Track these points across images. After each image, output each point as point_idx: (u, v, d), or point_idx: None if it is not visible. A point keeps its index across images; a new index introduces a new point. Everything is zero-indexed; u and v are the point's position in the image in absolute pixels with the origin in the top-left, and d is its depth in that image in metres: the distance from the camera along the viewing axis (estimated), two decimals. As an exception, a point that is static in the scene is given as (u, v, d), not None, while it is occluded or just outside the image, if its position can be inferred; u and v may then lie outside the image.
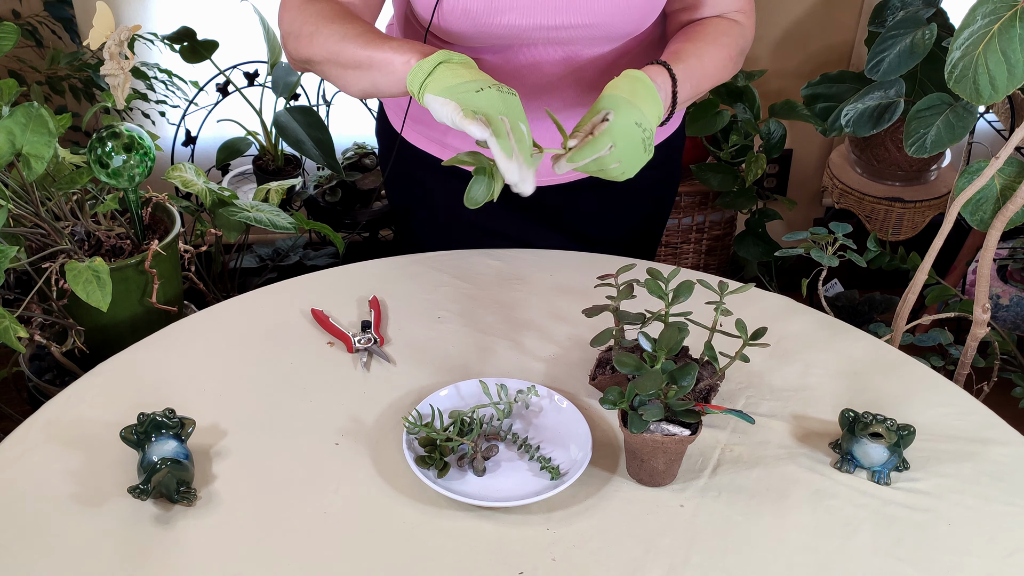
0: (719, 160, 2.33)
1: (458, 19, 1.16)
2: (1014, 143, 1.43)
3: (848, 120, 1.87)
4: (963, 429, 1.10)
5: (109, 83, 1.58)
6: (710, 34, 1.22)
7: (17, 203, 1.40)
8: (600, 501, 1.00)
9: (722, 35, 1.23)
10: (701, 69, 1.17)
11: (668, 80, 1.12)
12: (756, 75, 2.27)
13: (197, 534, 0.96)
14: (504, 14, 1.16)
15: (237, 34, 2.22)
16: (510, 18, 1.17)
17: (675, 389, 0.96)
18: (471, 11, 1.16)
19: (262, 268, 2.28)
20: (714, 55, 1.20)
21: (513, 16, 1.17)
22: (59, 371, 1.68)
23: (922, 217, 2.34)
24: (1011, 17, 1.28)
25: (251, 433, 1.08)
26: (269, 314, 1.26)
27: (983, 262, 1.57)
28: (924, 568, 0.94)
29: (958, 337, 1.85)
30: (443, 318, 1.26)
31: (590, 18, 1.18)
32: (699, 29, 1.23)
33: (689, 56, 1.16)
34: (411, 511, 0.99)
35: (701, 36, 1.21)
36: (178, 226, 1.58)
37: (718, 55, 1.21)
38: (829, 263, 1.57)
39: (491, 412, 1.09)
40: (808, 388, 1.16)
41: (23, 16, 2.23)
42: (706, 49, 1.20)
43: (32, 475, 1.01)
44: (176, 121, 2.23)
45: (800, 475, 1.04)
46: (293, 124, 2.07)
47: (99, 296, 1.34)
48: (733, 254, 2.61)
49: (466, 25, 1.17)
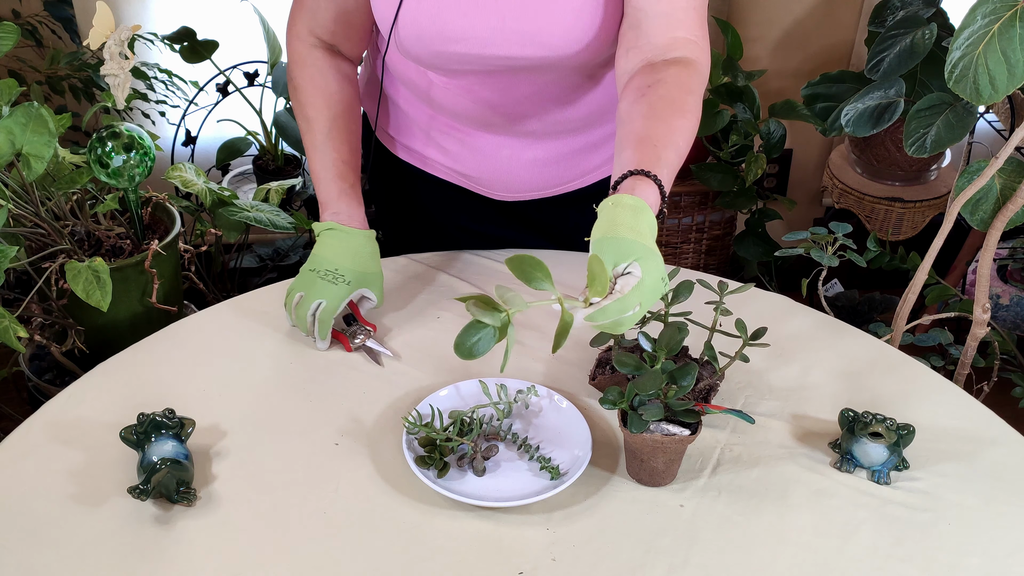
0: (719, 160, 2.33)
1: (413, 43, 1.17)
2: (1014, 143, 1.43)
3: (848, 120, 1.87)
4: (963, 429, 1.10)
5: (109, 83, 1.58)
6: (676, 102, 1.08)
7: (17, 203, 1.40)
8: (600, 501, 1.00)
9: (687, 94, 1.10)
10: (676, 157, 1.07)
11: (658, 195, 1.02)
12: (756, 75, 2.27)
13: (197, 534, 0.96)
14: (456, 43, 1.15)
15: (237, 34, 2.22)
16: (463, 47, 1.16)
17: (675, 389, 0.96)
18: (424, 38, 1.16)
19: (262, 268, 2.28)
20: (684, 130, 1.09)
21: (466, 45, 1.16)
22: (59, 371, 1.68)
23: (922, 217, 2.34)
24: (1011, 17, 1.28)
25: (251, 433, 1.08)
26: (269, 314, 1.26)
27: (983, 262, 1.57)
28: (924, 568, 0.94)
29: (958, 337, 1.85)
30: (443, 318, 1.26)
31: (544, 51, 1.15)
32: (663, 95, 1.09)
33: (665, 148, 1.05)
34: (411, 511, 0.99)
35: (668, 111, 1.08)
36: (178, 226, 1.58)
37: (687, 127, 1.10)
38: (829, 263, 1.57)
39: (491, 412, 1.09)
40: (808, 388, 1.16)
41: (23, 16, 2.23)
42: (677, 129, 1.08)
43: (32, 475, 1.01)
44: (176, 121, 2.23)
45: (800, 475, 1.04)
46: (293, 124, 2.07)
47: (99, 296, 1.34)
48: (733, 254, 2.61)
49: (419, 49, 1.17)
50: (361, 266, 1.20)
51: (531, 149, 1.33)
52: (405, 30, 1.15)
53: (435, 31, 1.14)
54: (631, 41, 1.14)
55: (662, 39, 1.12)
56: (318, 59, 1.27)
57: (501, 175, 1.35)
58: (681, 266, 1.28)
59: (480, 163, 1.35)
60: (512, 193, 1.39)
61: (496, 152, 1.34)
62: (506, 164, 1.35)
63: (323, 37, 1.26)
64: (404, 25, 1.15)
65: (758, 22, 2.42)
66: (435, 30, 1.14)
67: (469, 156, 1.35)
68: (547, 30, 1.14)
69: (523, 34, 1.14)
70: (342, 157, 1.26)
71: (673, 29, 1.12)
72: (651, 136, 1.05)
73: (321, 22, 1.25)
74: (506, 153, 1.34)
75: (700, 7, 1.14)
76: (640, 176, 1.00)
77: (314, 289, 1.18)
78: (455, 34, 1.15)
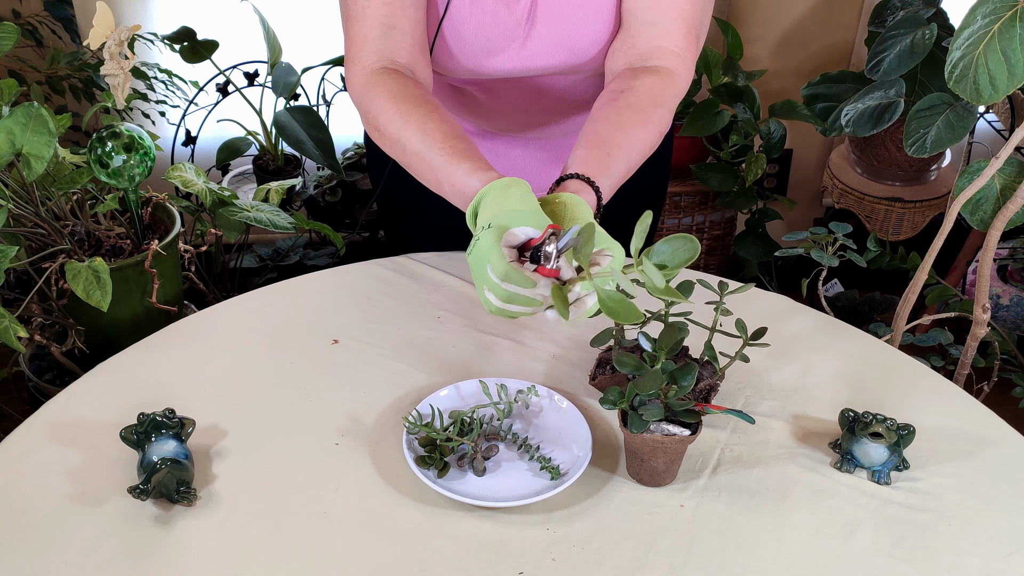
0: (719, 160, 2.33)
1: (449, 58, 1.17)
2: (1014, 143, 1.43)
3: (848, 120, 1.87)
4: (963, 429, 1.10)
5: (109, 83, 1.58)
6: (642, 113, 1.09)
7: (17, 203, 1.40)
8: (600, 501, 1.00)
9: (655, 107, 1.10)
10: (626, 168, 1.08)
11: (595, 201, 1.04)
12: (756, 75, 2.27)
13: (197, 534, 0.96)
14: (493, 56, 1.17)
15: (237, 34, 2.23)
16: (500, 60, 1.18)
17: (675, 389, 0.96)
18: (463, 52, 1.17)
19: (262, 268, 2.28)
20: (641, 142, 1.10)
21: (503, 58, 1.18)
22: (59, 371, 1.68)
23: (922, 217, 2.34)
24: (1011, 17, 1.28)
25: (251, 433, 1.08)
26: (269, 314, 1.26)
27: (983, 262, 1.57)
28: (924, 568, 0.94)
29: (958, 337, 1.85)
30: (443, 318, 1.26)
31: (574, 57, 1.18)
32: (631, 103, 1.09)
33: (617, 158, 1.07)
34: (411, 511, 0.99)
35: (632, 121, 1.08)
36: (178, 226, 1.58)
37: (646, 140, 1.10)
38: (829, 263, 1.57)
39: (491, 412, 1.09)
40: (808, 388, 1.16)
41: (23, 16, 2.23)
42: (634, 140, 1.09)
43: (32, 475, 1.01)
44: (176, 121, 2.23)
45: (800, 475, 1.04)
46: (293, 124, 2.07)
47: (99, 296, 1.34)
48: (733, 254, 2.61)
49: (456, 63, 1.18)
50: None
51: (541, 151, 1.35)
52: (445, 45, 1.16)
53: (477, 45, 1.15)
54: (619, 43, 1.16)
55: (645, 46, 1.13)
56: (389, 76, 1.12)
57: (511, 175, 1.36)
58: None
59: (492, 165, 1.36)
60: None
61: (507, 153, 1.35)
62: (517, 165, 1.36)
63: (399, 60, 1.13)
64: (443, 40, 1.16)
65: (758, 22, 2.42)
66: (477, 44, 1.15)
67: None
68: (576, 34, 1.15)
69: (556, 41, 1.15)
70: (451, 132, 1.07)
71: (657, 38, 1.13)
72: (607, 142, 1.07)
73: (399, 46, 1.13)
74: (518, 153, 1.35)
75: (691, 20, 1.14)
76: (582, 182, 1.02)
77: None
78: (494, 47, 1.16)
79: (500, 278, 0.90)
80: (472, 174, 1.01)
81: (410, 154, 1.07)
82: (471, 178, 1.01)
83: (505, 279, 0.90)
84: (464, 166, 1.02)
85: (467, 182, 1.01)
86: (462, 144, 1.05)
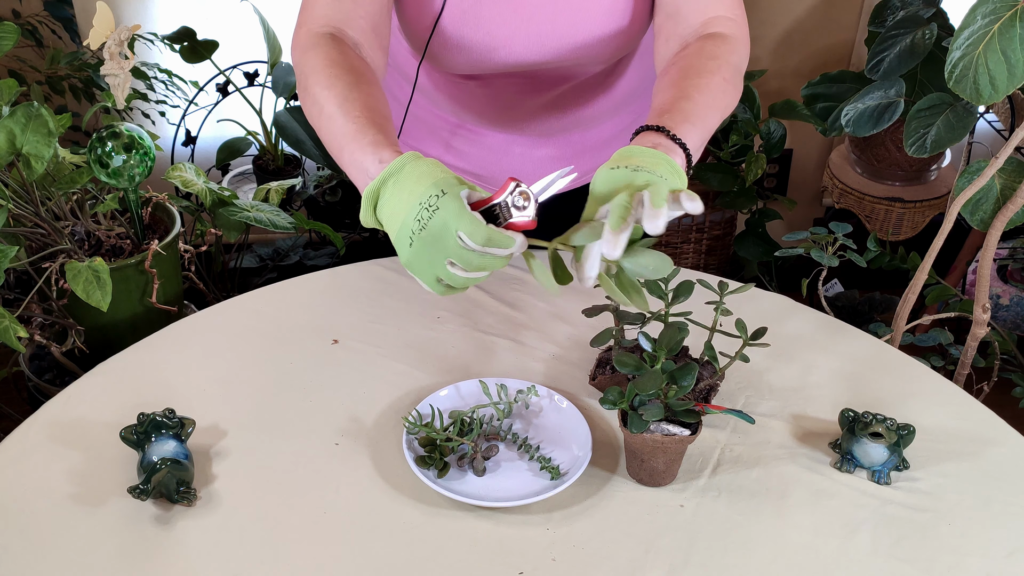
0: (719, 160, 2.33)
1: (452, 54, 1.17)
2: (1014, 143, 1.43)
3: (848, 120, 1.87)
4: (963, 429, 1.10)
5: (109, 83, 1.58)
6: (694, 67, 1.07)
7: (17, 203, 1.40)
8: (600, 501, 1.00)
9: (708, 60, 1.08)
10: (702, 123, 1.04)
11: (682, 154, 0.99)
12: (756, 75, 2.27)
13: (197, 534, 0.95)
14: (496, 51, 1.17)
15: (237, 34, 2.22)
16: (503, 55, 1.18)
17: (675, 389, 0.96)
18: (465, 48, 1.16)
19: (262, 268, 2.28)
20: (707, 93, 1.06)
21: (506, 53, 1.18)
22: (59, 371, 1.68)
23: (922, 217, 2.34)
24: (1011, 17, 1.28)
25: (251, 433, 1.08)
26: (269, 314, 1.26)
27: (983, 262, 1.57)
28: (924, 568, 0.94)
29: (958, 337, 1.85)
30: (443, 318, 1.26)
31: (578, 51, 1.18)
32: (683, 65, 1.08)
33: (686, 111, 1.02)
34: (411, 511, 0.99)
35: (685, 76, 1.06)
36: (178, 226, 1.58)
37: (711, 88, 1.07)
38: (829, 263, 1.57)
39: (491, 412, 1.09)
40: (808, 388, 1.16)
41: (23, 16, 2.23)
42: (698, 94, 1.05)
43: (32, 475, 1.01)
44: (176, 121, 2.23)
45: (800, 475, 1.04)
46: (293, 124, 2.07)
47: (99, 296, 1.34)
48: (733, 254, 2.61)
49: (460, 59, 1.18)
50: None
51: (543, 147, 1.34)
52: (447, 41, 1.16)
53: (478, 40, 1.15)
54: (670, 30, 1.15)
55: (698, 20, 1.13)
56: (331, 42, 1.07)
57: (511, 173, 1.36)
58: (681, 266, 1.28)
59: (492, 162, 1.36)
60: None
61: (507, 149, 1.35)
62: (517, 162, 1.36)
63: (348, 33, 1.09)
64: (446, 36, 1.15)
65: (758, 22, 2.42)
66: (478, 39, 1.15)
67: (482, 156, 1.36)
68: (578, 26, 1.15)
69: (558, 36, 1.15)
70: (373, 106, 1.01)
71: (709, 10, 1.13)
72: (667, 101, 1.03)
73: (349, 18, 1.09)
74: (518, 151, 1.35)
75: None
76: (651, 132, 0.97)
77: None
78: (497, 42, 1.16)
79: (481, 243, 0.83)
80: (380, 146, 0.93)
81: (324, 116, 1.00)
82: (378, 150, 0.93)
83: (488, 243, 0.84)
84: (374, 137, 0.94)
85: (371, 152, 0.93)
86: (379, 119, 0.98)
